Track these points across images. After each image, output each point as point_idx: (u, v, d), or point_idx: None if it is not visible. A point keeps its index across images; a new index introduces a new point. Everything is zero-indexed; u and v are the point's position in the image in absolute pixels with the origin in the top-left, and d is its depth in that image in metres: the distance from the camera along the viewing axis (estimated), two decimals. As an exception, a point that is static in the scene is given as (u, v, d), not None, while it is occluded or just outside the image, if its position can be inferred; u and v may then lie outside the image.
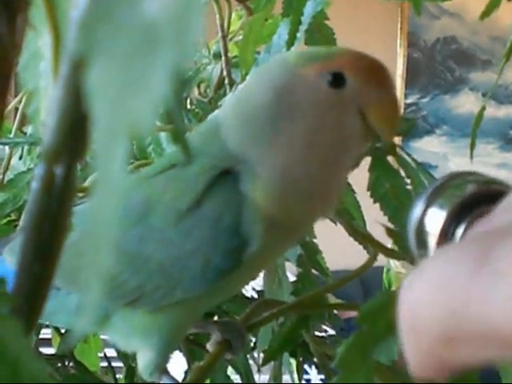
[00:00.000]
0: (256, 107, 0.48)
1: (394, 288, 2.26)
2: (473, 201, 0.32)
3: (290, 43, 0.70)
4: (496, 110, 3.56)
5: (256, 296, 0.87)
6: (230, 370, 0.80)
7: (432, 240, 0.33)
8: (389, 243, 0.60)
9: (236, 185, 0.47)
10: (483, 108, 0.64)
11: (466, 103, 3.60)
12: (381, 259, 0.63)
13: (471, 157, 0.72)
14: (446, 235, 0.33)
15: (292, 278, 0.78)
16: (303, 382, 1.25)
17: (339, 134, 0.48)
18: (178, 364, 0.76)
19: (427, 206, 0.34)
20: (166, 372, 0.52)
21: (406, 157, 0.64)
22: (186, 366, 0.77)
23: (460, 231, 0.32)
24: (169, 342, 0.51)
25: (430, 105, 3.63)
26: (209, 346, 0.56)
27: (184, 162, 0.48)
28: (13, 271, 0.29)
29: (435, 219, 0.33)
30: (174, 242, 0.47)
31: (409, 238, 0.35)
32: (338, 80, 0.47)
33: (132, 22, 0.17)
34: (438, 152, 3.63)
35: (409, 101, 3.61)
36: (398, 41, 3.55)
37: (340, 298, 0.82)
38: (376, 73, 0.49)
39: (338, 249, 1.55)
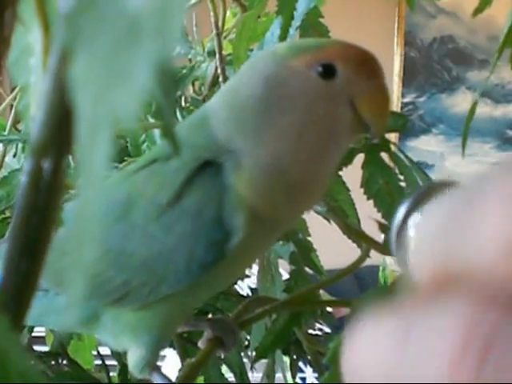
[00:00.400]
0: (245, 98, 0.48)
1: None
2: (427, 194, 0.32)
3: (283, 39, 0.70)
4: (493, 110, 3.56)
5: (251, 294, 0.87)
6: (224, 369, 0.80)
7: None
8: (382, 240, 0.60)
9: (219, 176, 0.47)
10: (475, 103, 0.64)
11: (462, 102, 3.59)
12: (376, 258, 0.62)
13: (463, 155, 0.72)
14: (402, 229, 0.33)
15: (286, 276, 0.78)
16: (299, 380, 1.25)
17: (329, 125, 0.48)
18: (172, 362, 0.76)
19: (408, 213, 0.34)
20: (156, 369, 0.52)
21: (400, 154, 0.64)
22: (179, 364, 0.77)
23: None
24: (158, 339, 0.51)
25: (426, 104, 3.63)
26: (200, 344, 0.56)
27: (166, 156, 0.48)
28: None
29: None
30: (156, 237, 0.47)
31: (390, 243, 0.35)
32: (328, 71, 0.47)
33: (115, 13, 0.17)
34: (435, 151, 3.63)
35: (405, 100, 3.61)
36: (395, 40, 3.55)
37: (336, 297, 0.82)
38: (366, 63, 0.49)
39: (332, 247, 1.55)
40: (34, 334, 0.83)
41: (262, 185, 0.47)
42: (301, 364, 0.98)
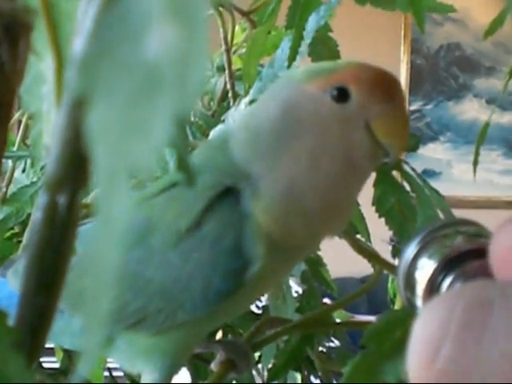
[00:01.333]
0: (261, 122, 0.48)
1: (398, 299, 2.26)
2: (460, 255, 0.34)
3: (292, 57, 0.70)
4: (500, 117, 3.56)
5: (260, 311, 0.86)
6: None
7: (419, 288, 0.34)
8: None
9: (238, 203, 0.46)
10: (487, 124, 0.64)
11: (469, 110, 3.59)
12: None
13: (474, 171, 0.72)
14: (432, 286, 0.34)
15: (295, 287, 0.77)
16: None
17: (345, 150, 0.47)
18: (182, 378, 0.75)
19: (418, 253, 0.35)
20: None
21: (411, 171, 0.64)
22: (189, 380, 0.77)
23: (446, 283, 0.33)
24: (172, 364, 0.51)
25: (433, 111, 3.63)
26: (213, 366, 0.56)
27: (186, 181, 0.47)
28: (17, 294, 0.29)
29: (424, 268, 0.34)
30: (174, 263, 0.46)
31: (398, 280, 0.36)
32: (342, 94, 0.46)
33: (134, 62, 0.16)
34: (442, 159, 3.63)
35: (412, 108, 3.61)
36: (402, 47, 3.55)
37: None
38: (382, 85, 0.47)
39: (342, 255, 1.55)
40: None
41: (279, 212, 0.47)
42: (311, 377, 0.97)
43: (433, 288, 0.33)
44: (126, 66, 0.17)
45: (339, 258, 1.27)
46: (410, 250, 0.35)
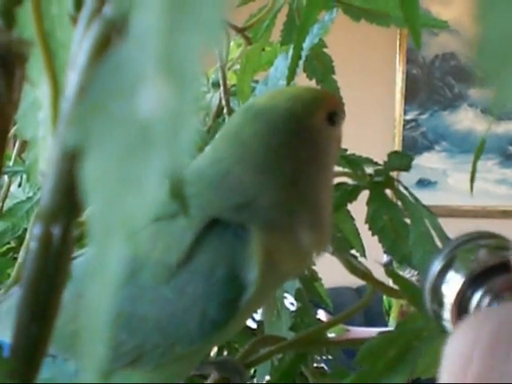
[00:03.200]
0: (270, 158, 0.48)
1: (393, 311, 2.25)
2: (488, 268, 0.35)
3: (290, 79, 0.70)
4: (496, 126, 3.56)
5: (256, 325, 0.86)
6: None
7: (447, 301, 0.36)
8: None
9: (229, 234, 0.46)
10: (483, 140, 0.64)
11: (464, 119, 3.60)
12: (381, 276, 0.62)
13: (471, 185, 0.72)
14: (461, 301, 0.36)
15: (290, 299, 0.77)
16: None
17: (333, 165, 0.53)
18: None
19: (443, 268, 0.37)
20: None
21: (404, 190, 0.64)
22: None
23: (476, 298, 0.35)
24: None
25: (429, 121, 3.63)
26: (207, 386, 0.56)
27: (170, 214, 0.47)
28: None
29: (451, 282, 0.36)
30: (167, 299, 0.46)
31: (424, 293, 0.38)
32: (332, 118, 0.51)
33: (126, 117, 0.17)
34: (438, 168, 3.63)
35: (408, 117, 3.61)
36: (397, 57, 3.56)
37: (337, 311, 0.82)
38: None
39: (337, 265, 1.55)
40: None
41: (286, 242, 0.48)
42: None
43: (462, 302, 0.35)
44: (119, 121, 0.17)
45: (335, 268, 1.27)
46: (436, 265, 0.37)
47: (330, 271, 0.96)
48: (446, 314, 0.36)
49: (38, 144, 0.40)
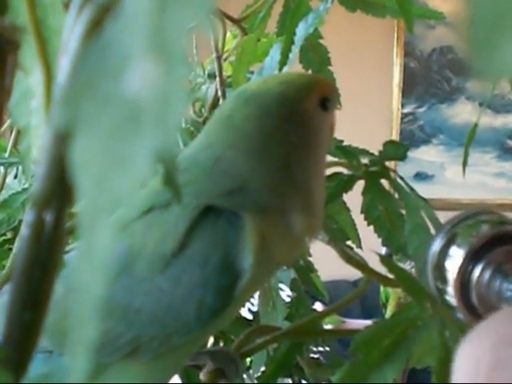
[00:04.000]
0: (263, 142, 0.48)
1: (390, 303, 2.26)
2: (487, 242, 0.36)
3: (283, 64, 0.70)
4: (493, 120, 3.56)
5: (251, 316, 0.87)
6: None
7: (451, 276, 0.36)
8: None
9: (223, 221, 0.46)
10: (475, 125, 0.65)
11: (462, 112, 3.60)
12: (379, 268, 0.62)
13: (464, 170, 0.72)
14: (464, 273, 0.36)
15: (288, 291, 0.77)
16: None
17: (326, 150, 0.53)
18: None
19: (445, 244, 0.37)
20: None
21: (400, 180, 0.64)
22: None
23: (477, 272, 0.35)
24: (164, 382, 0.51)
25: (426, 114, 3.63)
26: (202, 376, 0.56)
27: (163, 203, 0.47)
28: None
29: (453, 258, 0.36)
30: (163, 289, 0.46)
31: (426, 271, 0.38)
32: (325, 103, 0.52)
33: (115, 97, 0.17)
34: (435, 161, 3.63)
35: (405, 110, 3.61)
36: (395, 50, 3.55)
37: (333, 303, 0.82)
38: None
39: (334, 258, 1.55)
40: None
41: (279, 226, 0.48)
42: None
43: (464, 276, 0.35)
44: (108, 100, 0.17)
45: (332, 262, 1.27)
46: (438, 242, 0.37)
47: (327, 264, 0.96)
48: (450, 289, 0.37)
49: (31, 132, 0.40)
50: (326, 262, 0.73)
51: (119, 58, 0.17)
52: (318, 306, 1.71)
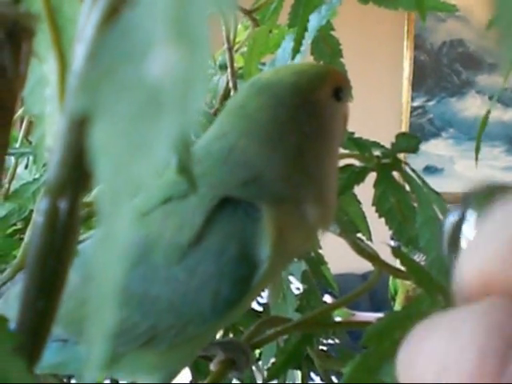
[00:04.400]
0: (277, 133, 0.48)
1: (399, 296, 2.25)
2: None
3: (295, 55, 0.70)
4: (502, 114, 3.55)
5: (261, 308, 0.87)
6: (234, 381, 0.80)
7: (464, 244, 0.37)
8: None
9: (240, 212, 0.46)
10: (488, 112, 0.64)
11: (472, 106, 3.59)
12: (388, 259, 0.62)
13: (476, 160, 0.72)
14: None
15: (297, 283, 0.77)
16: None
17: (339, 141, 0.53)
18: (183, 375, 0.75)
19: (461, 217, 0.37)
20: None
21: (411, 173, 0.64)
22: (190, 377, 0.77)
23: None
24: (176, 372, 0.51)
25: (436, 108, 3.62)
26: (212, 366, 0.56)
27: (181, 194, 0.47)
28: None
29: (468, 226, 0.36)
30: (180, 279, 0.46)
31: (442, 243, 0.38)
32: (338, 94, 0.52)
33: (135, 81, 0.17)
34: (444, 155, 3.62)
35: (415, 104, 3.60)
36: (405, 43, 3.55)
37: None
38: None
39: (343, 252, 1.55)
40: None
41: (293, 216, 0.48)
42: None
43: None
44: (128, 86, 0.17)
45: (341, 255, 1.27)
46: (453, 215, 0.37)
47: (337, 257, 0.96)
48: None
49: (44, 120, 0.40)
50: (335, 255, 0.73)
51: (140, 43, 0.17)
52: (328, 299, 1.71)
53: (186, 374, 0.76)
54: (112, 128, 0.17)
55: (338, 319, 1.12)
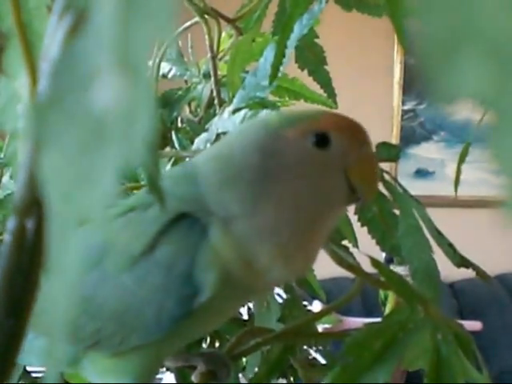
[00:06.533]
0: (240, 168, 0.47)
1: (389, 301, 2.25)
2: None
3: (277, 65, 0.70)
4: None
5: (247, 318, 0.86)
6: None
7: None
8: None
9: (195, 231, 0.46)
10: (467, 145, 0.64)
11: (463, 109, 3.58)
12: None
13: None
14: None
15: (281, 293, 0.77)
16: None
17: (325, 194, 0.48)
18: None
19: None
20: None
21: (393, 182, 0.64)
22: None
23: None
24: (139, 381, 0.51)
25: (427, 111, 3.63)
26: (194, 378, 0.56)
27: (145, 205, 0.47)
28: None
29: None
30: (126, 287, 0.46)
31: None
32: (322, 140, 0.48)
33: (82, 111, 0.17)
34: (436, 158, 3.63)
35: (406, 107, 3.61)
36: (395, 47, 3.55)
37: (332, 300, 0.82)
38: (358, 133, 0.50)
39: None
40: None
41: (250, 253, 0.47)
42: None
43: None
44: (75, 114, 0.17)
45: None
46: None
47: (327, 261, 0.96)
48: None
49: (17, 137, 0.40)
50: (326, 259, 0.72)
51: (87, 70, 0.17)
52: (317, 305, 1.71)
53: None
54: (60, 156, 0.17)
55: (325, 326, 1.12)
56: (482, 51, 0.13)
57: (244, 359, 0.83)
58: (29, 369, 0.85)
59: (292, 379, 0.81)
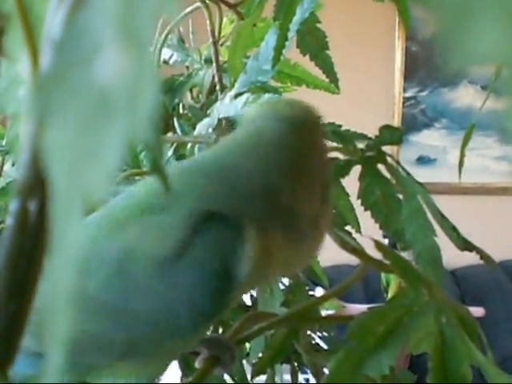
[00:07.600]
0: (274, 169, 0.48)
1: (391, 288, 2.26)
2: None
3: (279, 48, 0.69)
4: (495, 103, 3.55)
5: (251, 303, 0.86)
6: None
7: None
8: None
9: (230, 232, 0.46)
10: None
11: (464, 96, 3.59)
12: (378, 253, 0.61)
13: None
14: None
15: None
16: (302, 381, 1.25)
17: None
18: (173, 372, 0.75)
19: None
20: None
21: (396, 165, 0.64)
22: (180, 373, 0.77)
23: None
24: (154, 379, 0.50)
25: (428, 98, 3.62)
26: (197, 364, 0.56)
27: (160, 206, 0.46)
28: None
29: None
30: (159, 291, 0.45)
31: None
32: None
33: (86, 86, 0.16)
34: (437, 145, 3.62)
35: (407, 94, 3.60)
36: (396, 34, 3.54)
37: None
38: None
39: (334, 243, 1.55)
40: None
41: (286, 252, 0.48)
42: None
43: None
44: (79, 89, 0.16)
45: (334, 246, 1.27)
46: None
47: (330, 248, 0.96)
48: None
49: (19, 120, 0.40)
50: (329, 247, 0.72)
51: (90, 45, 0.17)
52: (320, 291, 1.71)
53: (175, 369, 0.76)
54: (64, 132, 0.17)
55: (328, 312, 1.12)
56: (495, 15, 0.13)
57: (247, 346, 0.84)
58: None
59: (296, 364, 0.81)
